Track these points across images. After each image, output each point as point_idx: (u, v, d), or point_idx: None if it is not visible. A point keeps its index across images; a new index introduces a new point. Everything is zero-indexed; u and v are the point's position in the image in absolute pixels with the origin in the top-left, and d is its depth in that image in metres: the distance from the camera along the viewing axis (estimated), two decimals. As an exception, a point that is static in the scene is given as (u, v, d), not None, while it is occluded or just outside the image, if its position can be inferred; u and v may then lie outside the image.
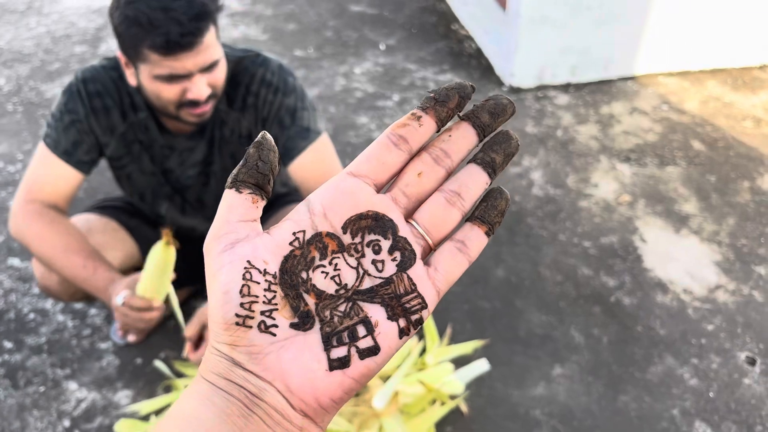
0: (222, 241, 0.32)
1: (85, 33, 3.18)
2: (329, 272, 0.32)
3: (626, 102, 2.85)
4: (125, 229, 1.49)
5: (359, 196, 0.33)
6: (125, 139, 1.35)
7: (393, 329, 0.32)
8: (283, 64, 1.37)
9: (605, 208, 2.25)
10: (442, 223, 0.34)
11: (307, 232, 0.33)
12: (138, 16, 1.12)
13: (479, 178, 0.34)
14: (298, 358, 0.31)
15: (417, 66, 3.04)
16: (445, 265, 0.34)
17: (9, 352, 1.69)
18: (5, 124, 2.53)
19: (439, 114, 0.34)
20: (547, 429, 1.56)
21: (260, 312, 0.31)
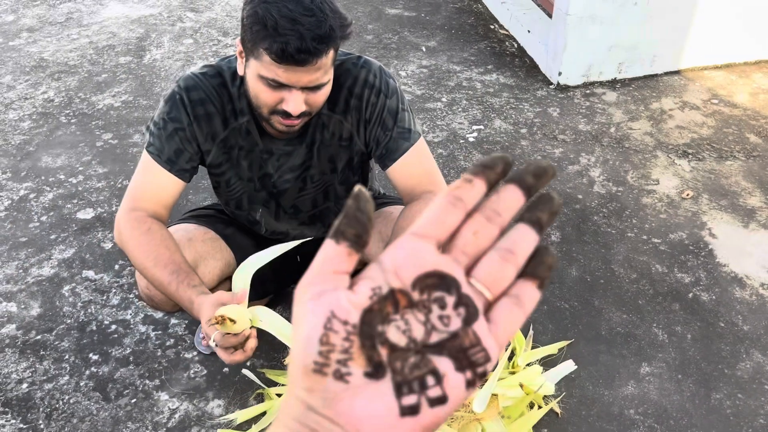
0: (311, 290, 0.34)
1: (128, 43, 3.18)
2: (401, 326, 0.34)
3: (675, 97, 2.83)
4: (222, 238, 1.49)
5: (425, 255, 0.35)
6: (226, 145, 1.36)
7: (460, 380, 0.34)
8: (383, 66, 1.37)
9: (669, 204, 2.24)
10: (499, 279, 0.36)
11: (383, 288, 0.35)
12: (266, 18, 1.12)
13: (529, 236, 0.36)
14: (371, 404, 0.33)
15: (461, 67, 3.04)
16: (504, 319, 0.36)
17: (96, 365, 1.69)
18: (61, 137, 2.54)
19: (488, 177, 0.37)
20: (644, 429, 1.55)
21: (336, 360, 0.33)
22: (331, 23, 1.13)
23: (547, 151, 2.49)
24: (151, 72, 2.96)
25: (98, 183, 2.30)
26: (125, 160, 2.41)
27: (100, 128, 2.59)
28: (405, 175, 1.34)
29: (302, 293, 0.35)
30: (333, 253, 0.35)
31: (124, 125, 2.61)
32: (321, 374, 0.33)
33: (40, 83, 2.88)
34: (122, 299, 1.87)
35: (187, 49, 3.13)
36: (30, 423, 1.56)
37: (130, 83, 2.88)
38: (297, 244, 1.34)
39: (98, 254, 2.01)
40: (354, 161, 1.43)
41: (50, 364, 1.70)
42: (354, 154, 1.41)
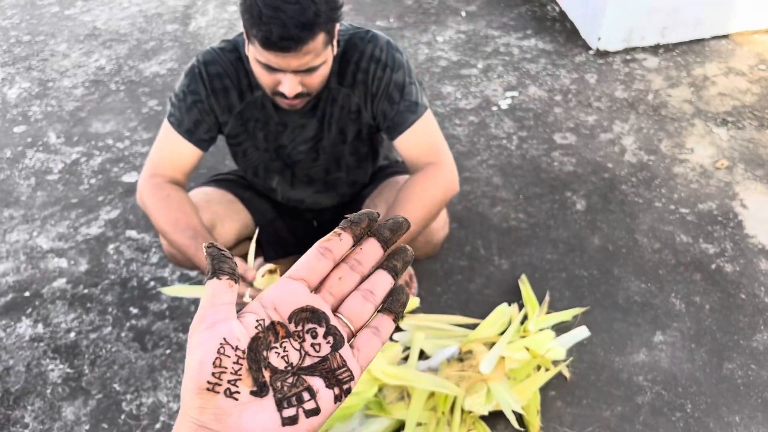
0: (205, 322, 0.40)
1: (174, 11, 3.29)
2: (280, 352, 0.41)
3: (720, 62, 2.75)
4: (240, 200, 1.58)
5: (299, 294, 0.43)
6: (242, 118, 1.43)
7: (330, 395, 0.42)
8: (390, 40, 1.40)
9: (702, 174, 2.21)
10: (361, 314, 0.45)
11: (266, 320, 0.42)
12: (252, 6, 1.17)
13: (386, 280, 0.46)
14: (256, 417, 0.39)
15: (500, 32, 3.02)
16: (365, 346, 0.44)
17: (135, 318, 1.83)
18: (110, 103, 2.68)
19: (354, 231, 0.45)
20: (651, 395, 1.58)
21: (227, 380, 0.39)
22: (317, 9, 1.16)
23: (581, 119, 2.48)
24: (195, 40, 3.06)
25: (143, 148, 2.44)
26: (168, 126, 2.53)
27: (146, 95, 2.72)
28: (410, 147, 1.38)
29: (198, 326, 0.40)
30: (219, 288, 0.42)
31: (169, 92, 2.72)
32: (213, 392, 0.38)
33: (93, 51, 3.03)
34: (161, 258, 2.00)
35: (231, 17, 3.21)
36: (76, 368, 1.71)
37: (175, 51, 2.99)
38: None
39: (140, 215, 2.15)
40: (363, 133, 1.48)
41: (95, 315, 1.85)
42: (362, 126, 1.46)
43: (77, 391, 1.66)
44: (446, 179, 1.37)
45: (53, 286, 1.94)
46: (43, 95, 2.76)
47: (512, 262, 1.93)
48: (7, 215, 2.19)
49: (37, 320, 1.84)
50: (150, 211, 1.36)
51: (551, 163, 2.29)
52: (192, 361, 0.39)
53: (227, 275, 0.42)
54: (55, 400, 1.64)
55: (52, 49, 3.07)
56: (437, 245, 1.55)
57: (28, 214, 2.18)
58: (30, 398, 1.65)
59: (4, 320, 1.85)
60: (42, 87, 2.81)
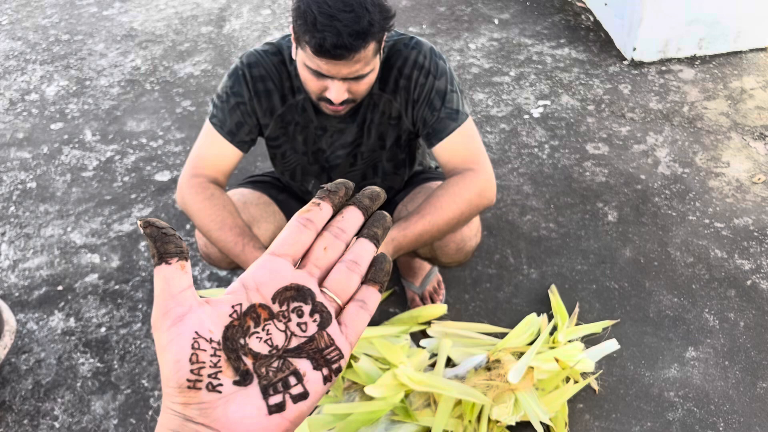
0: (169, 316, 0.38)
1: (209, 13, 3.33)
2: (263, 336, 0.39)
3: (758, 75, 2.70)
4: (275, 202, 1.59)
5: (283, 272, 0.41)
6: (283, 120, 1.44)
7: (318, 377, 0.39)
8: (434, 47, 1.41)
9: (738, 188, 2.17)
10: (347, 287, 0.42)
11: (243, 304, 0.39)
12: (306, 12, 1.18)
13: (369, 248, 0.44)
14: (242, 408, 0.37)
15: (533, 40, 3.00)
16: (353, 321, 0.42)
17: (165, 315, 1.85)
18: (145, 103, 2.72)
19: (333, 200, 0.43)
20: (682, 411, 1.55)
21: (207, 375, 0.37)
22: (371, 18, 1.17)
23: (614, 129, 2.45)
24: (229, 42, 3.10)
25: (175, 147, 2.47)
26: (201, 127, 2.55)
27: (180, 95, 2.75)
28: (449, 154, 1.38)
29: (160, 323, 0.38)
30: (171, 275, 0.38)
31: (202, 93, 2.76)
32: (195, 389, 0.37)
33: (129, 52, 3.08)
34: (191, 256, 2.02)
35: (265, 20, 3.25)
36: (106, 362, 1.74)
37: (209, 53, 3.03)
38: None
39: (172, 214, 2.17)
40: (402, 139, 1.48)
41: (126, 311, 1.87)
42: (402, 132, 1.46)
43: (106, 385, 1.68)
44: (482, 185, 1.37)
45: (85, 281, 1.97)
46: (80, 93, 2.81)
47: (541, 272, 1.91)
48: (42, 210, 2.23)
49: (69, 314, 1.87)
50: (194, 210, 1.37)
51: (583, 173, 2.27)
52: (166, 360, 0.37)
53: (176, 256, 0.39)
54: (85, 394, 1.67)
55: (90, 48, 3.12)
56: (469, 253, 1.54)
57: (63, 210, 2.22)
58: (60, 391, 1.67)
59: (37, 313, 1.88)
60: (79, 85, 2.86)
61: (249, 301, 0.40)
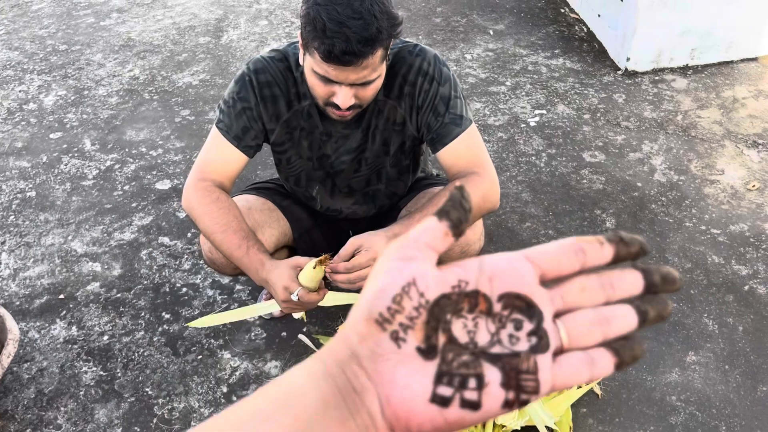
0: (403, 251, 0.36)
1: (207, 24, 3.35)
2: (468, 326, 0.36)
3: (750, 85, 2.75)
4: (279, 208, 1.60)
5: (526, 280, 0.37)
6: (288, 126, 1.46)
7: (500, 396, 0.34)
8: (438, 54, 1.43)
9: (733, 195, 2.20)
10: (583, 337, 0.37)
11: (470, 284, 0.36)
12: (316, 19, 1.20)
13: (630, 319, 0.37)
14: (409, 377, 0.34)
15: (528, 51, 3.04)
16: (570, 368, 0.36)
17: (167, 323, 1.85)
18: (144, 112, 2.73)
19: (619, 251, 0.38)
20: (685, 415, 1.57)
21: (398, 323, 0.35)
22: (379, 25, 1.19)
23: (609, 137, 2.48)
24: (227, 52, 3.11)
25: (175, 156, 2.47)
26: (200, 136, 2.56)
27: (179, 105, 2.76)
28: (453, 159, 1.40)
29: (393, 252, 0.36)
30: (432, 227, 0.37)
31: (201, 102, 2.77)
32: (380, 328, 0.34)
33: (127, 62, 3.09)
34: (193, 264, 2.02)
35: (262, 30, 3.27)
36: (109, 371, 1.73)
37: (207, 62, 3.04)
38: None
39: (173, 222, 2.18)
40: (406, 145, 1.50)
41: (128, 320, 1.87)
42: (406, 138, 1.48)
43: (110, 393, 1.68)
44: (486, 188, 1.38)
45: (87, 290, 1.96)
46: (79, 103, 2.81)
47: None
48: (42, 219, 2.22)
49: (71, 323, 1.87)
50: (199, 213, 1.38)
51: (580, 180, 2.29)
52: (372, 285, 0.35)
53: (449, 223, 0.37)
54: (88, 402, 1.66)
55: (88, 58, 3.13)
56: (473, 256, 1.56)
57: (63, 219, 2.22)
58: (63, 399, 1.67)
59: (39, 322, 1.87)
60: (78, 95, 2.86)
61: (476, 284, 0.37)
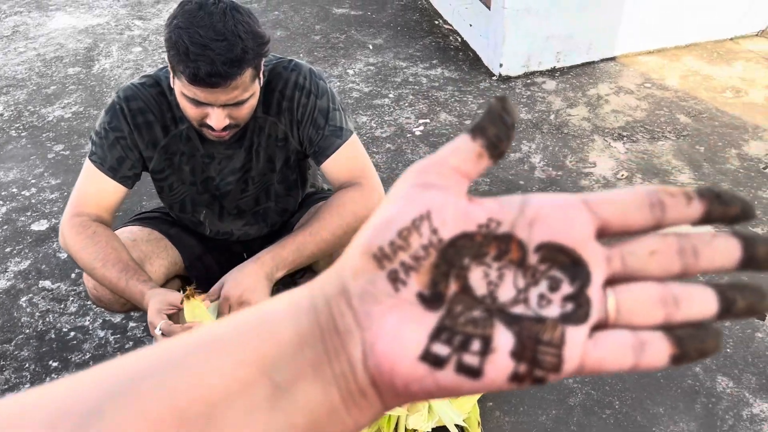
0: (423, 177, 0.30)
1: (76, 54, 3.20)
2: (491, 276, 0.29)
3: (611, 82, 2.96)
4: (167, 237, 1.55)
5: (577, 230, 0.29)
6: (167, 152, 1.42)
7: (507, 367, 0.28)
8: (313, 68, 1.44)
9: (606, 185, 2.36)
10: (638, 314, 0.29)
11: (503, 226, 0.29)
12: (178, 43, 1.18)
13: (708, 305, 0.29)
14: (401, 326, 0.28)
15: (407, 63, 3.13)
16: (609, 349, 0.29)
17: (56, 371, 1.74)
18: (11, 150, 2.56)
19: (712, 210, 0.30)
20: (582, 396, 1.66)
21: (400, 262, 0.29)
22: (244, 46, 1.19)
23: (491, 140, 2.59)
24: (101, 82, 2.99)
25: (51, 194, 2.33)
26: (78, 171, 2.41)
27: (51, 140, 2.61)
28: (336, 170, 1.42)
29: (411, 175, 0.30)
30: (463, 147, 0.30)
31: (76, 136, 2.63)
32: (377, 264, 0.29)
33: (-12, 98, 2.89)
34: (80, 306, 1.91)
35: (137, 58, 3.16)
36: (-7, 431, 1.60)
37: (80, 94, 2.90)
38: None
39: (54, 264, 2.05)
40: (291, 160, 1.50)
41: (11, 373, 1.74)
42: (290, 153, 1.48)
43: (-4, 455, 1.55)
44: (371, 198, 1.41)
45: (-39, 347, 1.81)
46: (-64, 146, 2.60)
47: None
48: None
49: (-56, 384, 1.71)
50: (75, 249, 1.31)
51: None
52: (379, 215, 0.29)
53: (485, 141, 0.30)
54: (-28, 468, 1.52)
55: (-58, 97, 2.90)
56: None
57: (-73, 272, 2.04)
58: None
59: None
60: (-67, 138, 2.64)
61: (512, 227, 0.29)
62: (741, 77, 2.94)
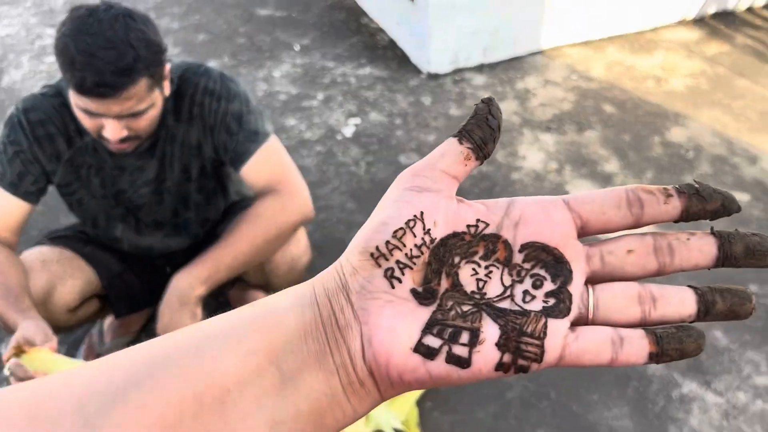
0: (415, 180, 0.32)
1: (-16, 66, 3.03)
2: (479, 274, 0.32)
3: (538, 75, 3.00)
4: (81, 256, 1.47)
5: (559, 230, 0.32)
6: (73, 164, 1.34)
7: (493, 357, 0.30)
8: (225, 72, 1.39)
9: (536, 178, 2.38)
10: (616, 312, 0.31)
11: (490, 227, 0.32)
12: (64, 52, 1.12)
13: (686, 307, 0.31)
14: (396, 321, 0.31)
15: (335, 63, 3.08)
16: (589, 343, 0.31)
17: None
18: None
19: (690, 207, 0.31)
20: (519, 389, 1.66)
21: (396, 261, 0.31)
22: (136, 54, 1.13)
23: (421, 138, 2.58)
24: (10, 95, 2.83)
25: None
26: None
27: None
28: (256, 176, 1.37)
29: (404, 179, 0.33)
30: (451, 151, 0.32)
31: (-14, 152, 2.49)
32: (374, 263, 0.31)
33: None
34: (-6, 333, 1.80)
35: (50, 68, 3.01)
36: None
37: (-11, 108, 2.75)
38: None
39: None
40: (207, 168, 1.44)
41: None
42: (206, 161, 1.42)
43: None
44: (295, 202, 1.37)
45: None
46: None
47: (374, 283, 1.95)
48: None
49: None
50: None
51: (399, 183, 2.36)
52: (376, 217, 0.32)
53: (472, 146, 0.32)
54: None
55: None
56: (302, 271, 1.53)
57: None
58: None
59: None
60: None
61: (499, 228, 0.32)
62: (662, 66, 3.02)
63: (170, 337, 0.31)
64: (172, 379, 0.29)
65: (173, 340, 0.31)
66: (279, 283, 1.53)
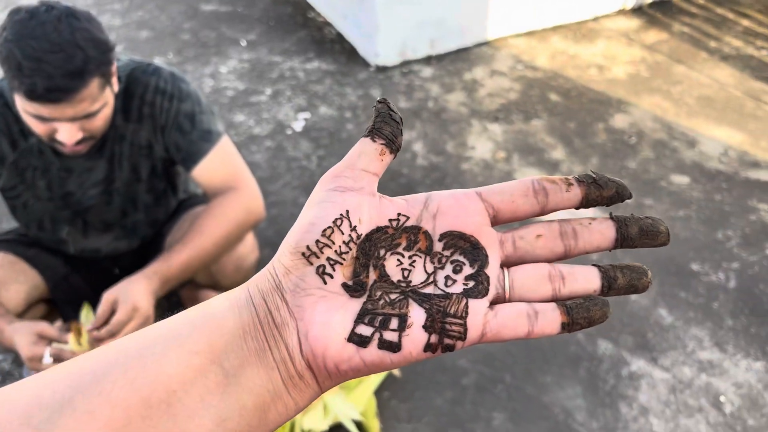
0: (338, 181, 0.34)
1: None
2: (404, 263, 0.34)
3: (485, 66, 3.04)
4: (24, 260, 1.42)
5: (473, 219, 0.34)
6: (17, 167, 1.30)
7: (421, 339, 0.33)
8: (175, 71, 1.36)
9: (485, 167, 2.42)
10: (530, 291, 0.34)
11: (411, 220, 0.35)
12: (9, 58, 1.07)
13: (591, 283, 0.34)
14: (330, 314, 0.33)
15: (283, 57, 3.06)
16: (507, 318, 0.33)
17: None
18: None
19: (589, 194, 0.34)
20: (474, 375, 1.69)
21: (327, 258, 0.33)
22: (85, 55, 1.09)
23: (372, 130, 2.59)
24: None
25: None
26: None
27: None
28: (208, 176, 1.35)
29: (327, 181, 0.35)
30: (366, 150, 0.35)
31: None
32: (306, 261, 0.33)
33: None
34: (-66, 344, 1.73)
35: None
36: None
37: None
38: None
39: None
40: (158, 168, 1.42)
41: None
42: (156, 161, 1.40)
43: None
44: (248, 203, 1.36)
45: None
46: None
47: (329, 277, 1.95)
48: None
49: None
50: None
51: (351, 176, 2.36)
52: (304, 218, 0.34)
53: (384, 140, 0.35)
54: None
55: None
56: (248, 270, 1.52)
57: None
58: None
59: None
60: None
61: (419, 220, 0.34)
62: (603, 54, 3.10)
63: (115, 344, 0.32)
64: (117, 384, 0.30)
65: (118, 347, 0.32)
66: (227, 282, 1.52)
